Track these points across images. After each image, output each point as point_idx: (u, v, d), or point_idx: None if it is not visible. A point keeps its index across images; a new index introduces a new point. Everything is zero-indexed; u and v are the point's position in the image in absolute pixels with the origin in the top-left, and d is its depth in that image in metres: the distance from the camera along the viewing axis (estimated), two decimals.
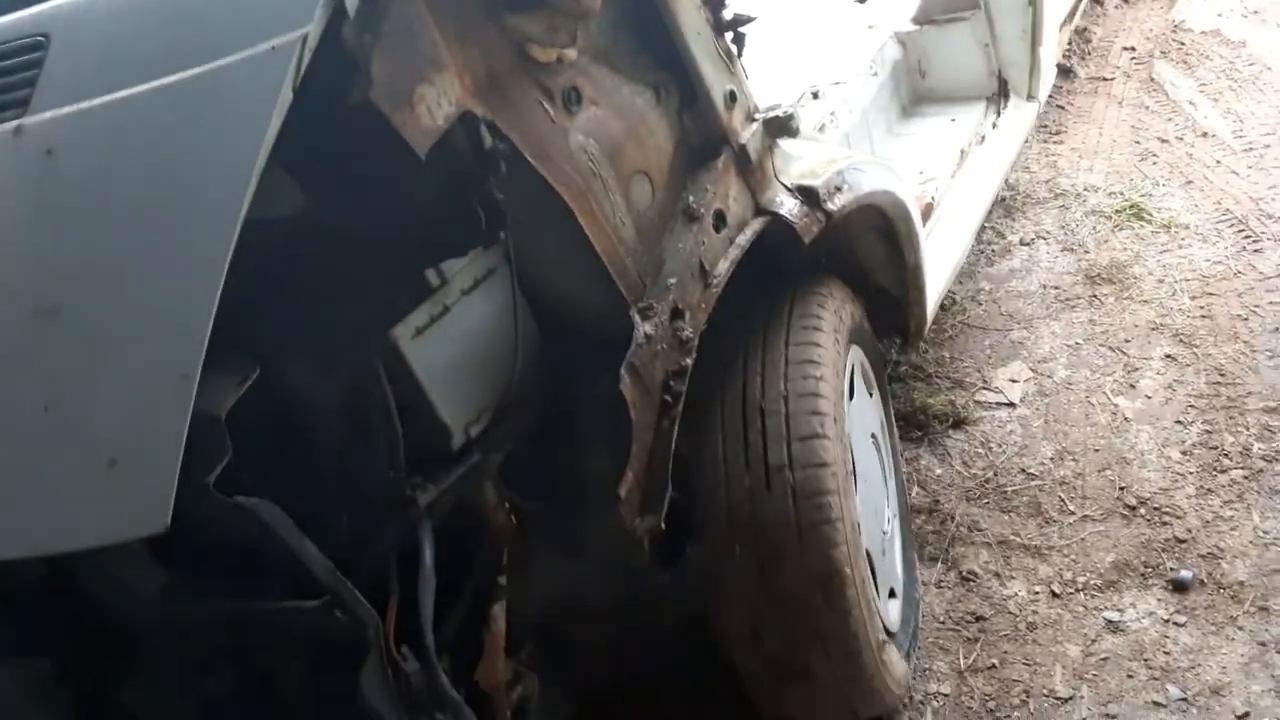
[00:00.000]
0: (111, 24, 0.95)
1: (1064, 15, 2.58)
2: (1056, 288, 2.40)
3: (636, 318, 1.22)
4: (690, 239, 1.30)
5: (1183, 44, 3.16)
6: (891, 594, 1.64)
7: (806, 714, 1.48)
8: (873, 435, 1.68)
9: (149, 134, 0.87)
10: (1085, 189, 2.67)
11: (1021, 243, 2.56)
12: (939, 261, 1.99)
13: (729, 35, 1.37)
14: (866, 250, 1.81)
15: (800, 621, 1.35)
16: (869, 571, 1.47)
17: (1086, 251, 2.47)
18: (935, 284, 1.93)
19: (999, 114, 2.33)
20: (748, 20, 1.38)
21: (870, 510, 1.56)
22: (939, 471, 2.05)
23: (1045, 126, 2.95)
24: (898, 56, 2.40)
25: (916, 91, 2.45)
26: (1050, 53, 2.38)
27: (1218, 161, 2.64)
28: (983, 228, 2.55)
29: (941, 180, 2.17)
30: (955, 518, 1.93)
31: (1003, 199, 2.67)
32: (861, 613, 1.37)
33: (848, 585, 1.34)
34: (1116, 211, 2.55)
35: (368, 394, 1.08)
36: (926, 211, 2.07)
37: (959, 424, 2.12)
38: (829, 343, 1.47)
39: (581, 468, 1.27)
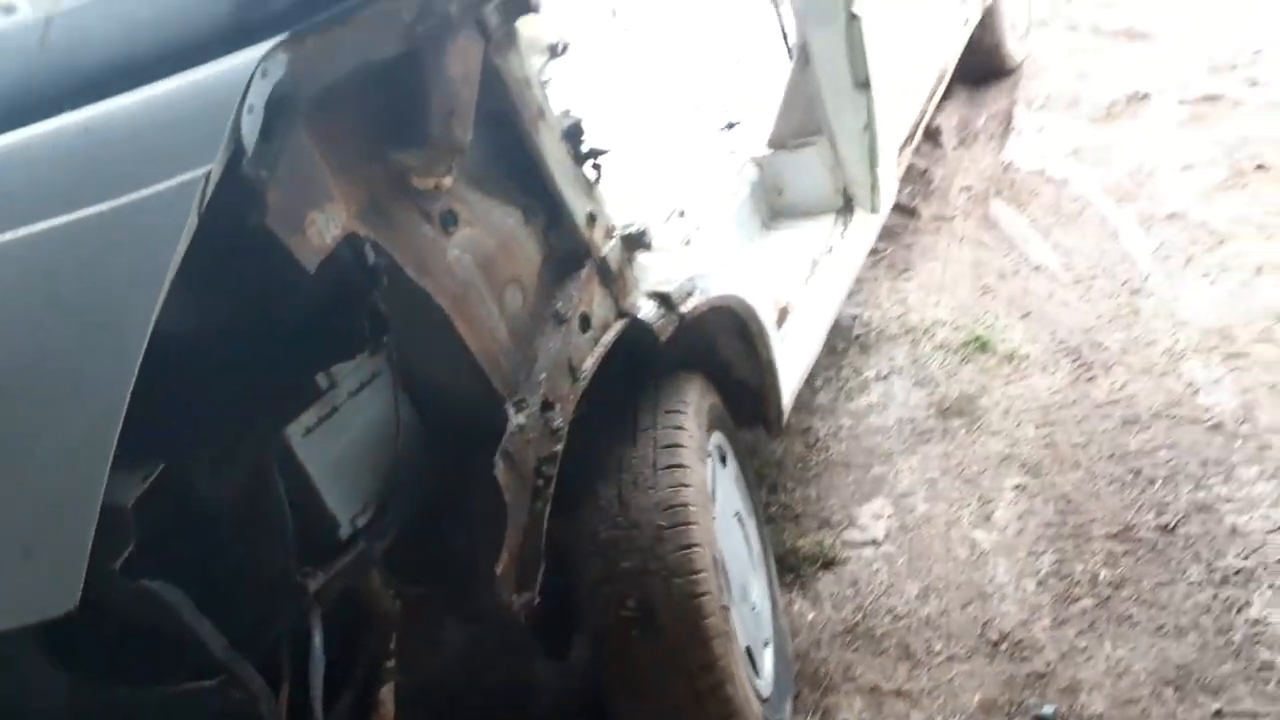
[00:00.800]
0: (28, 163, 1.08)
1: (902, 140, 2.91)
2: (912, 421, 2.51)
3: (510, 410, 1.37)
4: (559, 339, 1.46)
5: (1014, 183, 3.36)
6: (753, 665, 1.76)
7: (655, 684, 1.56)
8: (737, 514, 1.84)
9: (65, 262, 0.99)
10: (933, 323, 2.82)
11: (878, 378, 2.69)
12: (794, 357, 2.21)
13: (588, 164, 1.58)
14: (727, 348, 2.01)
15: (647, 548, 1.51)
16: (727, 586, 1.64)
17: (937, 385, 2.59)
18: (790, 377, 2.14)
19: (846, 226, 2.60)
20: (603, 153, 1.59)
21: (735, 572, 1.71)
22: (811, 616, 2.10)
23: (894, 265, 3.15)
24: (756, 178, 2.68)
25: (774, 208, 2.72)
26: (889, 171, 2.69)
27: (1050, 294, 2.81)
28: (840, 365, 2.72)
29: (796, 285, 2.41)
30: (829, 664, 1.98)
31: (857, 336, 2.83)
32: (707, 558, 1.53)
33: (693, 521, 1.52)
34: (963, 345, 2.70)
35: (262, 488, 1.18)
36: (783, 314, 2.30)
37: (828, 565, 2.19)
38: (693, 405, 1.71)
39: (463, 550, 1.39)
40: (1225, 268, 2.61)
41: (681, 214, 2.52)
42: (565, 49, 4.62)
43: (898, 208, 3.26)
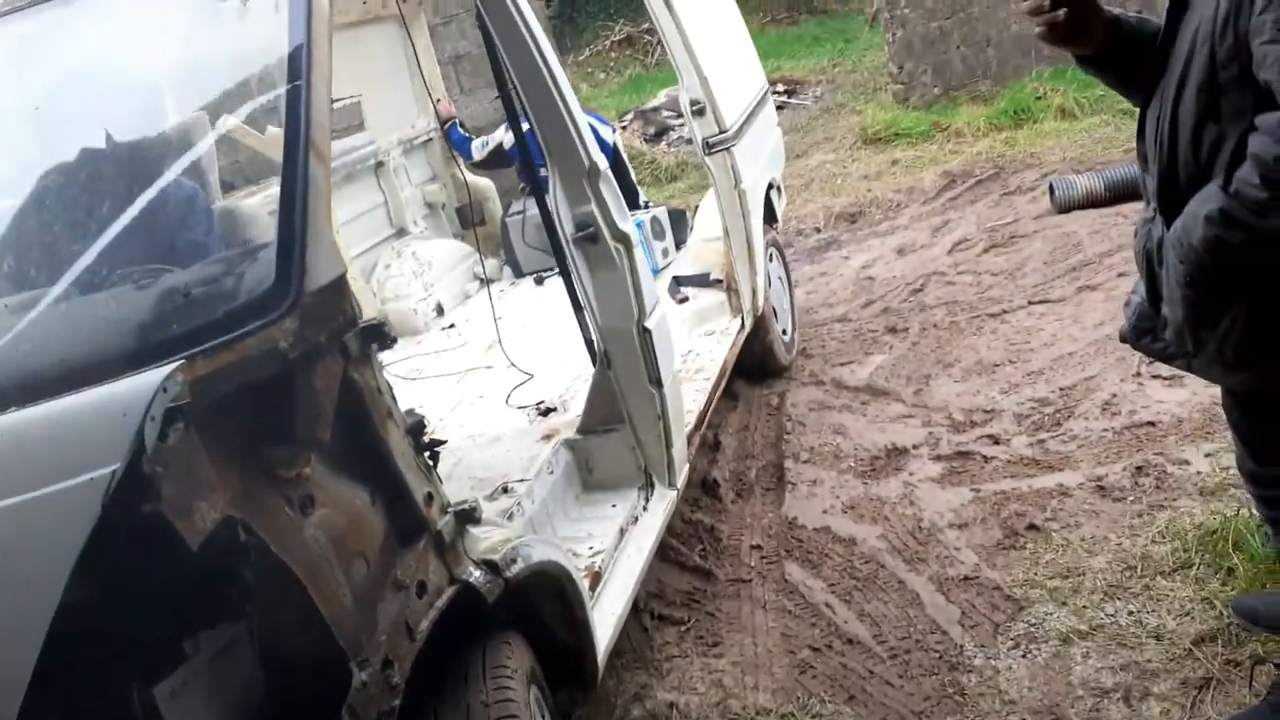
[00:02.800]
0: None
1: (692, 425, 3.40)
2: None
3: (354, 669, 1.56)
4: (398, 604, 1.69)
5: (801, 542, 3.23)
6: None
7: None
8: None
9: None
10: (757, 712, 2.57)
11: None
12: (606, 617, 2.48)
13: (426, 453, 1.89)
14: (546, 610, 2.27)
15: None
16: None
17: None
18: (604, 635, 2.40)
19: (648, 500, 2.99)
20: (441, 443, 1.92)
21: None
22: None
23: (701, 638, 2.90)
24: (569, 458, 3.06)
25: (587, 484, 3.08)
26: (681, 453, 3.14)
27: (870, 671, 2.62)
28: None
29: (607, 553, 2.73)
30: None
31: None
32: None
33: None
34: None
35: None
36: (595, 579, 2.60)
37: None
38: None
39: None
40: (1032, 637, 2.58)
41: (505, 490, 2.84)
42: (394, 341, 5.06)
43: (694, 569, 3.21)
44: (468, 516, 1.93)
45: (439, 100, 5.32)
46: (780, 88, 9.98)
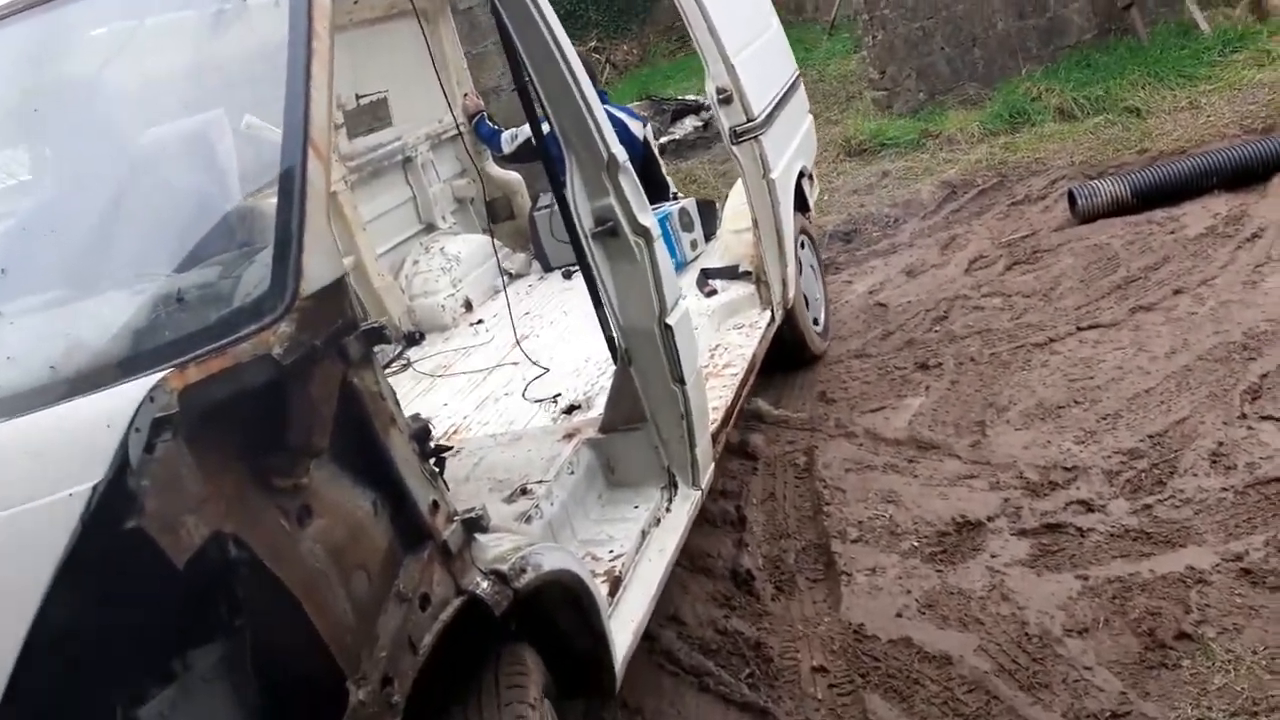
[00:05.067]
0: None
1: (717, 425, 3.32)
2: None
3: (351, 687, 1.51)
4: (400, 617, 1.64)
5: (878, 661, 2.59)
6: None
7: None
8: None
9: None
10: None
11: None
12: (625, 624, 2.41)
13: (432, 459, 1.83)
14: (563, 619, 2.20)
15: None
16: None
17: None
18: (623, 643, 2.33)
19: (670, 500, 2.92)
20: (448, 449, 1.86)
21: None
22: None
23: None
24: (591, 458, 2.99)
25: (609, 483, 3.02)
26: (706, 452, 3.06)
27: None
28: None
29: (628, 556, 2.66)
30: None
31: None
32: None
33: None
34: None
35: None
36: (615, 584, 2.53)
37: None
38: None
39: None
40: None
41: (524, 491, 2.78)
42: (422, 338, 5.02)
43: (743, 706, 2.58)
44: (475, 524, 1.86)
45: (465, 95, 5.27)
46: None
